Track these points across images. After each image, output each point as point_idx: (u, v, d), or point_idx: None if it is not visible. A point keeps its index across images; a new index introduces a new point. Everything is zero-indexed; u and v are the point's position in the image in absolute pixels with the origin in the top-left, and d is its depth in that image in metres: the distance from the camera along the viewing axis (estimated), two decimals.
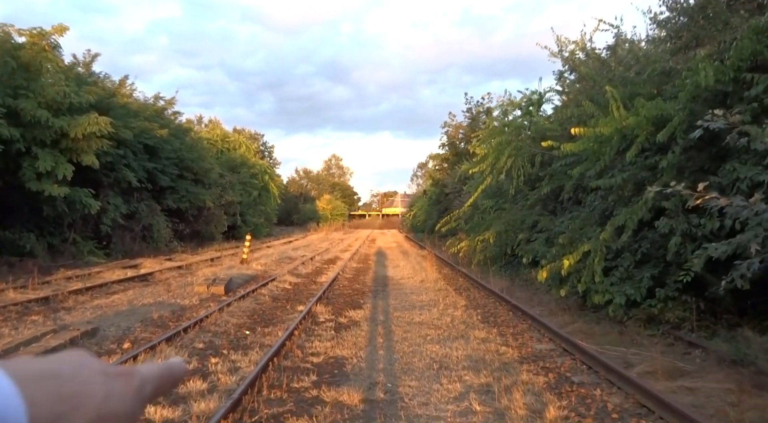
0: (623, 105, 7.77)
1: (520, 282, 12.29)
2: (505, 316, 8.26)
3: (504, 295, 9.92)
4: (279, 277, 13.00)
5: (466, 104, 34.70)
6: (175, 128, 26.09)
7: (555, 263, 7.88)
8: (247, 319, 8.08)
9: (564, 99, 16.13)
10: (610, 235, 7.07)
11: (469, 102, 34.46)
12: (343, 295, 10.71)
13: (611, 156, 8.01)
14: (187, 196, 25.53)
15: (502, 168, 14.22)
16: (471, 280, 12.72)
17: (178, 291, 10.47)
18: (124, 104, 19.39)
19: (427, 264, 16.69)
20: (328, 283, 11.96)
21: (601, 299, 7.04)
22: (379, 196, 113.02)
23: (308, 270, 15.42)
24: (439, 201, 35.14)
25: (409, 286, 12.21)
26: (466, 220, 18.69)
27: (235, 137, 41.06)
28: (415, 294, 10.78)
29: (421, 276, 13.86)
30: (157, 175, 22.78)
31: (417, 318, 8.10)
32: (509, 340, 6.60)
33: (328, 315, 8.34)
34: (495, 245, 13.59)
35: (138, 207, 21.65)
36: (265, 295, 10.41)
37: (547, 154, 14.24)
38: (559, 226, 10.84)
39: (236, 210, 32.72)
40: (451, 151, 35.89)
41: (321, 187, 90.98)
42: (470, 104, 34.47)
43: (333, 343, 6.46)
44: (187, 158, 25.57)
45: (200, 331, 7.08)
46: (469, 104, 34.43)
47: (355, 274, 14.74)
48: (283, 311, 8.78)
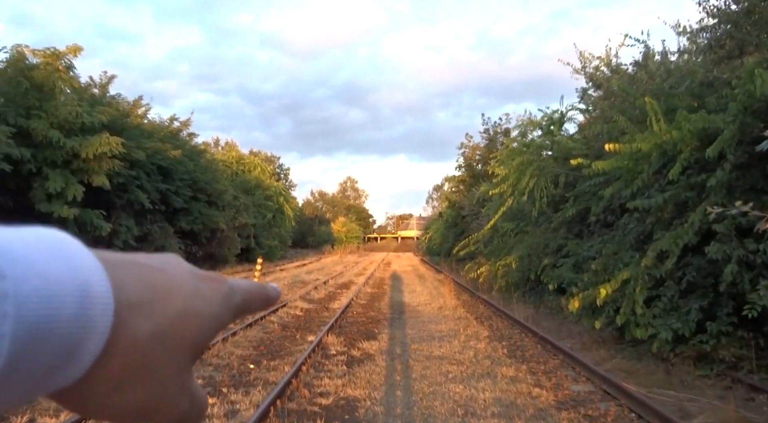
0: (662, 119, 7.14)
1: (545, 310, 11.52)
2: (534, 350, 7.53)
3: (530, 325, 9.19)
4: (290, 303, 12.39)
5: (483, 125, 34.22)
6: (189, 150, 25.94)
7: (588, 292, 7.17)
8: (253, 350, 7.46)
9: (588, 117, 15.51)
10: (653, 261, 6.36)
11: (487, 123, 33.96)
12: (356, 323, 10.05)
13: (650, 174, 7.34)
14: (200, 218, 25.20)
15: (523, 189, 13.57)
16: (493, 308, 11.98)
17: None
18: (138, 125, 19.21)
19: (445, 289, 15.96)
20: (341, 309, 11.32)
21: (643, 333, 6.31)
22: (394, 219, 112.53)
23: (321, 295, 14.79)
24: (455, 223, 34.44)
25: (426, 313, 11.51)
26: (485, 244, 17.98)
27: (250, 159, 40.96)
28: (434, 323, 10.08)
29: (439, 302, 13.15)
30: (170, 197, 22.51)
31: (437, 351, 7.41)
32: (542, 380, 5.88)
33: (339, 346, 7.69)
34: (517, 270, 12.86)
35: (151, 229, 21.32)
36: (275, 322, 9.79)
37: (571, 175, 13.59)
38: (588, 251, 10.12)
39: (250, 232, 32.31)
40: (468, 173, 35.28)
41: (336, 209, 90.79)
42: (488, 125, 33.96)
43: (344, 380, 5.80)
44: (201, 180, 25.33)
45: (200, 364, 6.46)
46: (487, 125, 33.92)
47: (369, 299, 14.07)
48: (292, 342, 8.15)
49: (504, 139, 32.43)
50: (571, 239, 12.49)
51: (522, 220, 16.92)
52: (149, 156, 19.32)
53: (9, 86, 14.58)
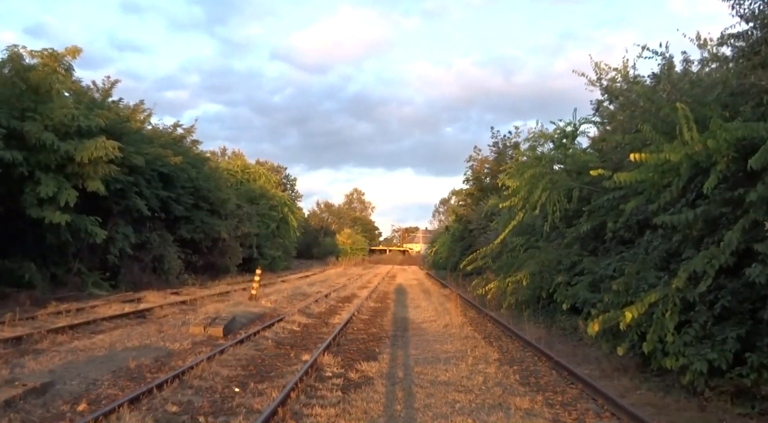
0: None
1: (557, 331, 10.83)
2: (549, 377, 6.86)
3: (542, 347, 8.51)
4: (288, 317, 11.76)
5: (492, 138, 33.62)
6: (192, 157, 25.51)
7: (609, 314, 6.50)
8: (241, 370, 6.83)
9: (602, 130, 14.88)
10: (684, 282, 5.72)
11: (496, 136, 33.37)
12: (356, 340, 9.41)
13: (679, 187, 6.71)
14: (201, 226, 24.68)
15: (535, 203, 12.94)
16: (501, 327, 11.30)
17: (171, 332, 9.29)
18: (138, 130, 18.78)
19: (451, 305, 15.28)
20: (341, 325, 10.68)
21: (673, 363, 5.64)
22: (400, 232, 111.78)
23: (321, 309, 14.15)
24: (462, 237, 33.75)
25: (431, 331, 10.85)
26: (493, 259, 17.31)
27: (255, 168, 40.58)
28: (439, 342, 9.42)
29: (444, 319, 12.48)
30: (171, 205, 22.01)
31: (442, 375, 6.75)
32: (561, 415, 5.21)
33: (336, 368, 7.05)
34: (528, 288, 12.18)
35: (150, 237, 20.79)
36: (268, 338, 9.16)
37: (586, 189, 12.96)
38: (605, 269, 9.45)
39: (253, 242, 31.76)
40: (476, 186, 34.63)
41: (342, 221, 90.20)
42: (497, 138, 33.38)
43: (338, 409, 5.16)
44: (203, 188, 24.84)
45: (180, 386, 5.85)
46: (496, 138, 33.34)
47: (371, 315, 13.41)
48: (285, 361, 7.51)
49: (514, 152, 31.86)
50: (586, 256, 11.81)
51: (533, 235, 16.25)
52: (149, 162, 18.85)
53: (4, 87, 14.16)
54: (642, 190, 8.31)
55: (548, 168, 13.69)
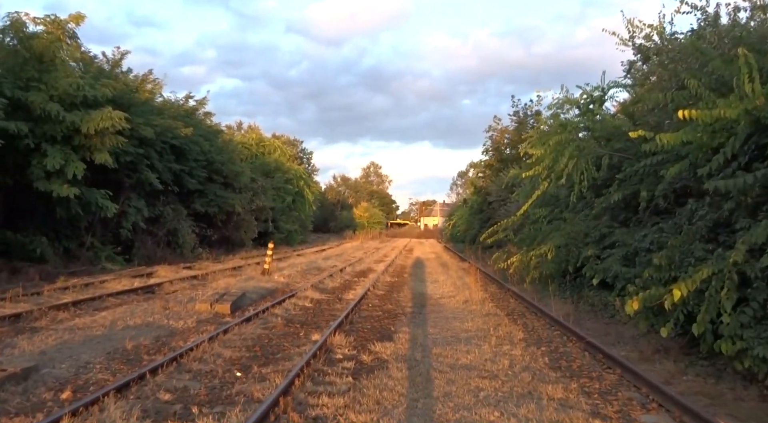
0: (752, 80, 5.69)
1: (585, 307, 10.16)
2: (582, 360, 6.23)
3: (571, 325, 7.87)
4: (300, 293, 11.28)
5: (513, 107, 32.45)
6: (205, 130, 24.99)
7: (651, 291, 5.82)
8: (246, 351, 6.33)
9: (634, 94, 13.87)
10: (744, 256, 4.99)
11: (516, 105, 32.19)
12: (370, 318, 8.87)
13: (735, 147, 5.92)
14: (215, 200, 24.31)
15: (561, 171, 12.14)
16: (525, 303, 10.67)
17: (177, 309, 8.84)
18: (146, 100, 18.18)
19: (471, 280, 14.68)
20: (355, 301, 10.15)
21: (729, 348, 4.95)
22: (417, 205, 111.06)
23: (335, 284, 13.66)
24: (481, 210, 32.96)
25: (450, 307, 10.27)
26: (515, 231, 16.59)
27: (270, 141, 39.97)
28: (459, 320, 8.83)
29: (464, 295, 11.88)
30: (184, 178, 21.61)
31: (463, 358, 6.17)
32: (600, 406, 4.60)
33: (347, 349, 6.51)
34: (553, 261, 11.48)
35: (163, 211, 20.46)
36: (278, 316, 8.67)
37: (616, 156, 12.11)
38: (640, 242, 8.71)
39: (268, 216, 31.36)
40: (495, 157, 33.63)
41: (359, 194, 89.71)
42: (517, 107, 32.20)
43: (347, 399, 4.62)
44: (216, 161, 24.36)
45: (177, 370, 5.36)
46: (516, 107, 32.17)
47: (388, 290, 12.88)
48: (293, 341, 7.00)
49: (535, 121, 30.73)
50: (617, 228, 11.06)
51: (556, 206, 15.46)
52: (159, 134, 18.34)
53: (7, 56, 13.66)
54: (686, 153, 7.50)
55: (574, 135, 12.84)
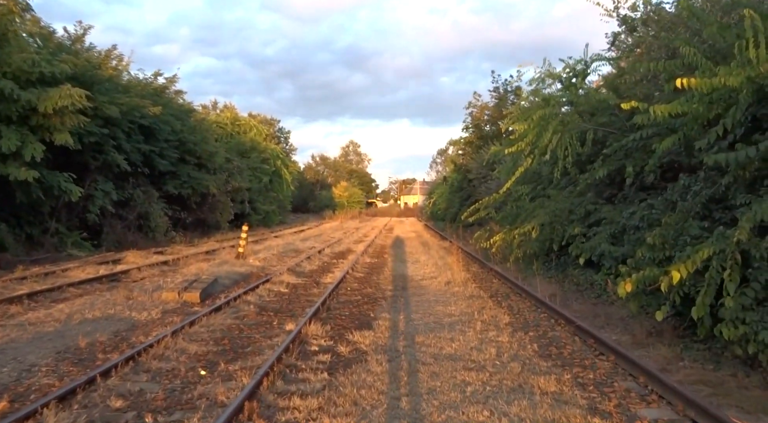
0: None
1: (570, 286, 9.87)
2: (572, 346, 5.88)
3: (558, 307, 7.54)
4: (276, 277, 10.79)
5: (492, 83, 31.99)
6: (176, 109, 24.02)
7: (645, 272, 5.47)
8: (213, 345, 5.84)
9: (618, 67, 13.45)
10: (748, 234, 4.63)
11: (496, 80, 31.75)
12: (349, 304, 8.44)
13: (736, 118, 5.53)
14: (189, 181, 23.50)
15: (545, 147, 11.74)
16: (509, 284, 10.34)
17: (142, 299, 8.28)
18: (110, 77, 17.20)
19: (452, 259, 14.33)
20: (333, 285, 9.70)
21: (732, 333, 4.62)
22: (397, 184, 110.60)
23: (313, 266, 13.18)
24: (461, 188, 32.66)
25: (432, 290, 9.89)
26: (497, 209, 16.26)
27: (245, 120, 38.89)
28: (442, 303, 8.45)
29: (446, 275, 11.51)
30: (154, 159, 20.76)
31: (448, 347, 5.78)
32: (597, 399, 4.24)
33: (324, 339, 6.07)
34: (537, 240, 11.15)
35: (133, 194, 19.63)
36: (251, 303, 8.18)
37: (600, 131, 11.76)
38: (628, 219, 8.38)
39: (245, 197, 30.60)
40: (475, 134, 33.23)
41: (338, 173, 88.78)
42: (497, 83, 31.72)
43: (322, 399, 4.18)
44: (189, 141, 23.50)
45: (133, 370, 4.85)
46: (496, 83, 31.69)
47: (367, 272, 12.45)
48: (266, 332, 6.53)
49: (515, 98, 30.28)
50: (602, 204, 10.75)
51: (539, 183, 15.15)
52: (125, 113, 17.44)
53: None
54: (678, 126, 7.13)
55: (557, 109, 12.45)
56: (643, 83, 10.00)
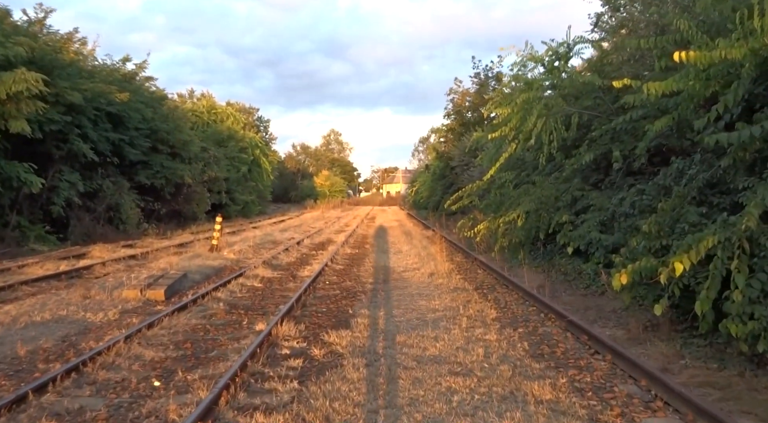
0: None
1: (558, 276, 9.49)
2: (565, 344, 5.46)
3: (547, 299, 7.14)
4: (250, 271, 10.22)
5: (474, 69, 31.46)
6: (147, 96, 23.09)
7: (643, 263, 5.06)
8: (173, 350, 5.29)
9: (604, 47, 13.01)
10: (756, 222, 4.22)
11: (477, 66, 31.20)
12: (326, 299, 7.93)
13: (738, 94, 5.10)
14: (162, 171, 22.65)
15: (529, 132, 11.30)
16: (494, 274, 9.93)
17: (100, 297, 7.67)
18: (71, 62, 16.26)
19: (435, 249, 13.90)
20: (310, 279, 9.18)
21: (740, 330, 4.22)
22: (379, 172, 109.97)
23: (290, 259, 12.62)
24: (443, 175, 32.23)
25: (415, 282, 9.43)
26: (480, 197, 15.84)
27: (222, 108, 37.86)
28: (425, 297, 7.99)
29: (429, 266, 11.07)
30: (124, 148, 19.89)
31: (431, 347, 5.31)
32: (597, 408, 3.80)
33: (296, 341, 5.56)
34: (523, 228, 10.75)
35: (102, 184, 18.78)
36: (221, 300, 7.62)
37: (586, 114, 11.35)
38: (619, 206, 7.98)
39: (222, 187, 29.78)
40: (457, 121, 32.76)
41: (319, 163, 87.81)
42: (478, 69, 31.22)
43: (289, 416, 3.67)
44: (161, 129, 22.62)
45: (75, 383, 4.29)
46: (477, 69, 31.18)
47: (347, 264, 11.94)
48: (233, 333, 5.99)
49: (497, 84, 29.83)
50: (589, 190, 10.37)
51: (523, 169, 14.76)
52: (90, 100, 16.55)
53: None
54: (672, 106, 6.71)
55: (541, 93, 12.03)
56: (630, 63, 9.58)
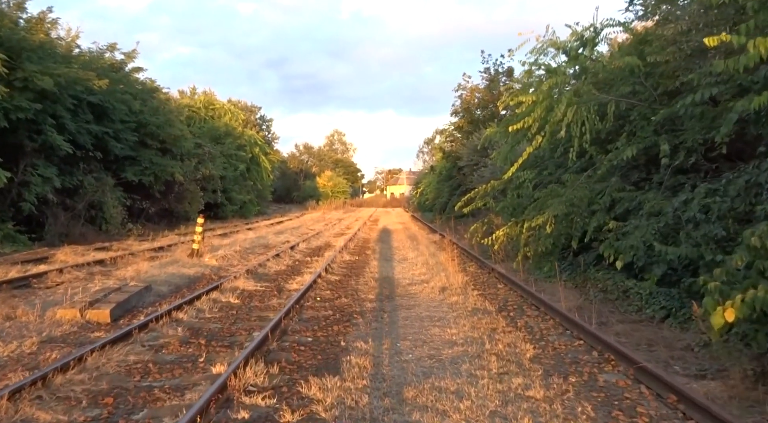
0: None
1: (595, 293, 7.87)
2: (646, 407, 3.83)
3: (594, 329, 5.53)
4: (229, 282, 8.64)
5: (483, 63, 29.84)
6: (136, 87, 21.60)
7: (761, 294, 3.45)
8: (82, 410, 3.69)
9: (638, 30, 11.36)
10: None
11: (487, 61, 29.57)
12: (314, 323, 6.33)
13: None
14: (151, 168, 21.11)
15: (558, 122, 9.66)
16: (519, 290, 8.31)
17: (26, 318, 6.07)
18: (42, 44, 14.71)
19: (445, 257, 12.29)
20: (298, 294, 7.58)
21: None
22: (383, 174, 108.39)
23: (280, 267, 11.03)
24: (450, 176, 30.60)
25: (424, 299, 7.82)
26: (495, 198, 14.20)
27: (220, 104, 36.31)
28: (439, 322, 6.38)
29: (440, 279, 9.46)
30: (109, 142, 18.36)
31: (454, 412, 3.70)
32: None
33: (261, 396, 3.95)
34: (552, 235, 9.12)
35: (83, 180, 17.26)
36: (181, 324, 6.03)
37: (624, 102, 9.75)
38: (687, 210, 6.35)
39: (217, 185, 28.21)
40: (465, 118, 31.11)
41: (323, 163, 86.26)
42: (488, 63, 29.59)
43: None
44: (150, 123, 21.10)
45: None
46: (487, 63, 29.55)
47: (345, 274, 10.35)
48: (179, 380, 4.38)
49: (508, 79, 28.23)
50: (630, 191, 8.75)
51: (543, 167, 13.13)
52: (65, 87, 14.98)
53: None
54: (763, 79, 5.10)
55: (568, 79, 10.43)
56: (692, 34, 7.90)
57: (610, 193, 8.85)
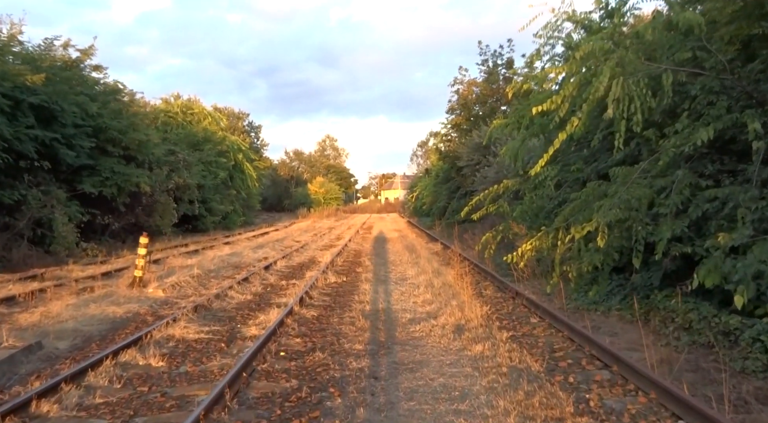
0: None
1: (673, 330, 5.51)
2: None
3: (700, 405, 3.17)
4: (164, 328, 6.23)
5: (480, 55, 27.50)
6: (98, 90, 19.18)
7: None
8: None
9: None
10: None
11: (485, 52, 27.24)
12: (263, 407, 3.93)
13: None
14: (113, 178, 18.53)
15: (601, 98, 7.30)
16: (567, 330, 5.94)
17: None
18: None
19: (453, 274, 9.94)
20: (256, 345, 5.18)
21: None
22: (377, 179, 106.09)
23: (245, 296, 8.61)
24: (449, 178, 28.28)
25: (434, 350, 5.44)
26: (509, 201, 11.84)
27: (199, 108, 33.79)
28: (463, 402, 4.02)
29: (451, 311, 7.08)
30: (59, 150, 15.85)
31: None
32: None
33: None
34: (603, 250, 6.73)
35: (26, 195, 14.79)
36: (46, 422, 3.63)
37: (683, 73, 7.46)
38: None
39: (194, 195, 25.68)
40: (463, 115, 28.75)
41: (314, 169, 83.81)
42: (486, 55, 27.27)
43: None
44: (111, 128, 18.54)
45: None
46: (485, 55, 27.23)
47: (326, 305, 7.94)
48: None
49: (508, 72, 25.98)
50: (711, 187, 6.43)
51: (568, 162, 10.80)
52: None
53: None
54: None
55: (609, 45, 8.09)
56: None
57: (680, 190, 6.52)
